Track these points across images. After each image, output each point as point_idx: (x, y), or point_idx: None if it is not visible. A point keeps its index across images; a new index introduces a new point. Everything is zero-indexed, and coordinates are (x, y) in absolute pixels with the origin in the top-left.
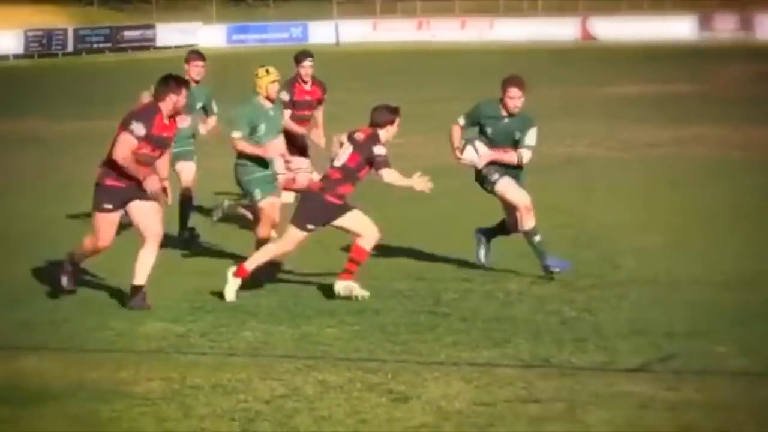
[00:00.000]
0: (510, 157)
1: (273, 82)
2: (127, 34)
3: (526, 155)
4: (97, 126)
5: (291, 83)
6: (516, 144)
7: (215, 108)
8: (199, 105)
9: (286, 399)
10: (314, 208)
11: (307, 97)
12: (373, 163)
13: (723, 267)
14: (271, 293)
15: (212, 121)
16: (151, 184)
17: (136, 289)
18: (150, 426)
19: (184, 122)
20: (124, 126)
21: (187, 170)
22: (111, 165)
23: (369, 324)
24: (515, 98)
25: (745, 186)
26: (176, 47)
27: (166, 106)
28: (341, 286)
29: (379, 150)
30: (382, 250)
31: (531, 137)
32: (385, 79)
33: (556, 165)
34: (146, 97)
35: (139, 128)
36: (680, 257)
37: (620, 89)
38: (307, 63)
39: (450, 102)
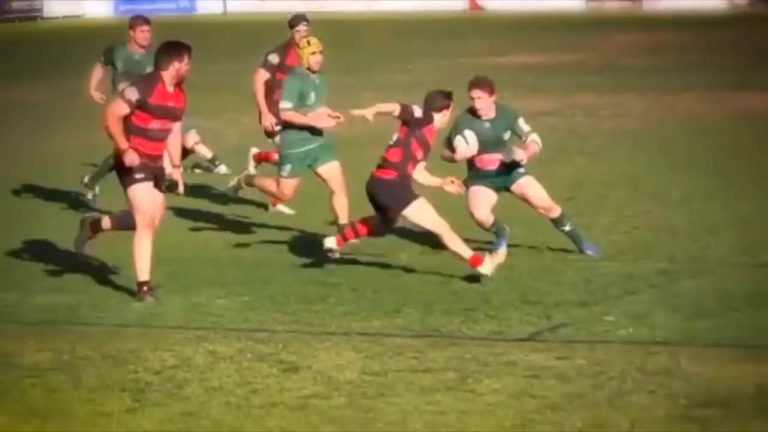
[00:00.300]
0: (533, 149)
1: (314, 53)
2: (15, 5)
3: (538, 138)
4: None
5: (285, 48)
6: (505, 145)
7: None
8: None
9: (177, 369)
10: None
11: None
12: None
13: (613, 237)
14: (160, 264)
15: None
16: (129, 158)
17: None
18: (39, 397)
19: None
20: (120, 92)
21: None
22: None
23: (259, 294)
24: (476, 99)
25: (638, 154)
26: (63, 17)
27: (169, 74)
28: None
29: (416, 111)
30: (272, 221)
31: (524, 125)
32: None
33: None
34: (99, 71)
35: (131, 92)
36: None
37: (509, 59)
38: (302, 27)
39: (339, 73)
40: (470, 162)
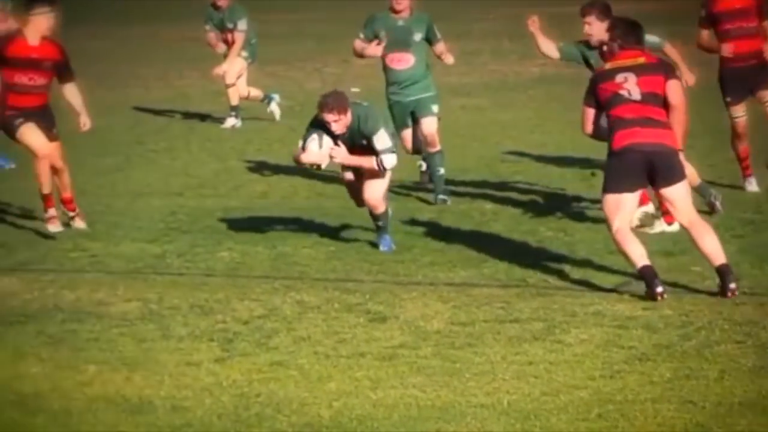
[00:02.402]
0: None
1: None
2: None
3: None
4: None
5: None
6: None
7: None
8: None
9: (265, 319)
10: None
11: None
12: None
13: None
14: (245, 213)
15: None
16: None
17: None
18: (129, 346)
19: None
20: None
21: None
22: None
23: (345, 244)
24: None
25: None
26: None
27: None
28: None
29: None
30: None
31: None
32: None
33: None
34: None
35: None
36: None
37: None
38: None
39: None
40: None
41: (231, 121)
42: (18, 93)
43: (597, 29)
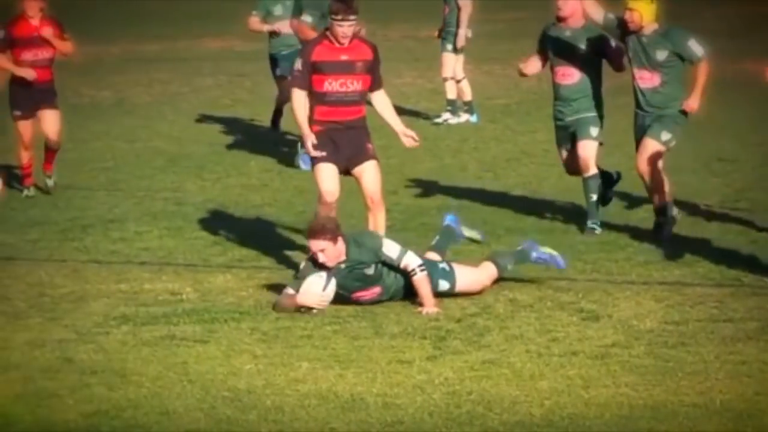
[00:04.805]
0: None
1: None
2: None
3: None
4: None
5: None
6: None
7: None
8: None
9: (477, 317)
10: None
11: None
12: None
13: None
14: (461, 211)
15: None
16: None
17: None
18: (342, 343)
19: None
20: None
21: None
22: None
23: (559, 243)
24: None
25: None
26: None
27: None
28: None
29: None
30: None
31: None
32: None
33: None
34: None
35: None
36: None
37: None
38: None
39: None
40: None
41: (445, 116)
42: (329, 105)
43: None
